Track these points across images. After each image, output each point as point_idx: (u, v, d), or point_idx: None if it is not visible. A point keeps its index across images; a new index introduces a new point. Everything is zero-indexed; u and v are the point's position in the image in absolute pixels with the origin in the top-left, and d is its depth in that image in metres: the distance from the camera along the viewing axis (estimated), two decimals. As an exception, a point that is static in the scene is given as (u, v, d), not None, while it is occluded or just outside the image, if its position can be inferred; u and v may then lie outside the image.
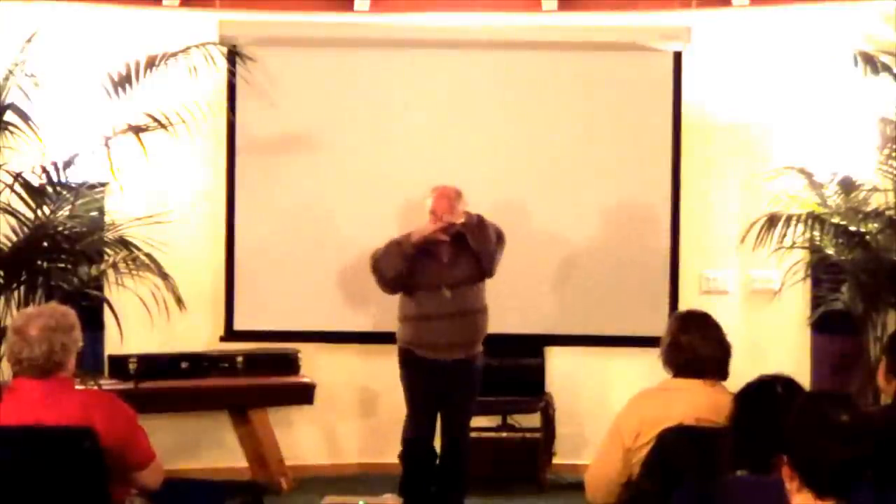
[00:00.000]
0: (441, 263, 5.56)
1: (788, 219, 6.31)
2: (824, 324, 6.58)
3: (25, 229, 5.91)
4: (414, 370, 5.61)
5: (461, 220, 5.49)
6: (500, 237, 5.62)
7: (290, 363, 6.54)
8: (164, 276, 6.02)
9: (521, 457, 6.62)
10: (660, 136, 6.72)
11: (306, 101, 6.78)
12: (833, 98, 6.43)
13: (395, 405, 5.80)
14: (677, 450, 3.44)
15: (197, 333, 6.69)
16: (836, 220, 6.24)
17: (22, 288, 5.85)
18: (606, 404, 6.06)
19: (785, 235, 6.31)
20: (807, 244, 6.40)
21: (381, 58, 6.80)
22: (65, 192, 5.97)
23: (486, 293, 5.69)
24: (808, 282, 6.65)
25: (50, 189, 5.93)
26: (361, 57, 6.80)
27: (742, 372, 3.32)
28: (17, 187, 5.92)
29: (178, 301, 6.02)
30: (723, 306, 6.25)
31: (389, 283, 5.59)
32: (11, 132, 5.99)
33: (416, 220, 5.85)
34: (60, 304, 3.89)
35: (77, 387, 3.90)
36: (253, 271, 6.76)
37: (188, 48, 6.26)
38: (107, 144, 5.95)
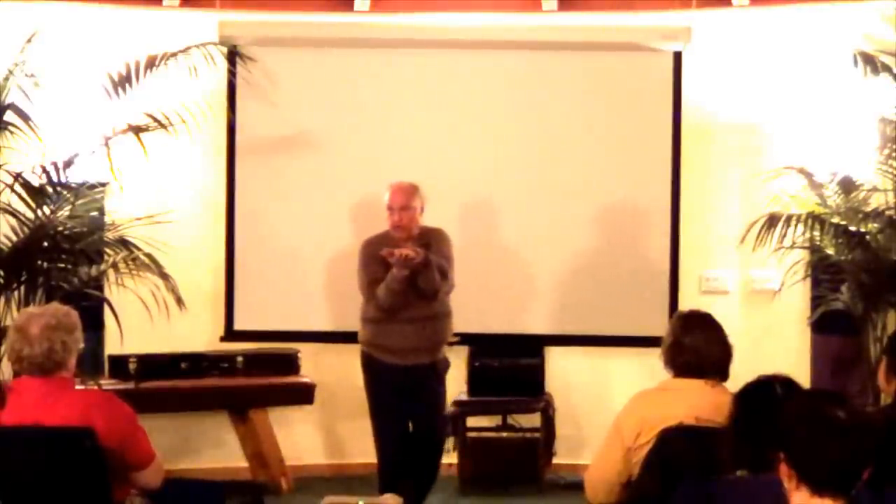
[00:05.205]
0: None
1: (788, 219, 6.31)
2: (824, 324, 6.58)
3: (25, 229, 5.92)
4: (375, 376, 5.55)
5: (411, 254, 5.27)
6: (443, 274, 5.42)
7: (290, 363, 6.53)
8: (164, 276, 6.02)
9: (521, 457, 6.61)
10: (660, 136, 6.71)
11: (306, 101, 6.78)
12: (833, 98, 6.43)
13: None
14: (677, 449, 3.44)
15: (197, 333, 6.69)
16: (836, 220, 6.24)
17: (22, 288, 5.86)
18: (606, 404, 6.05)
19: (785, 235, 6.31)
20: (807, 244, 6.40)
21: (381, 58, 6.80)
22: (65, 192, 5.97)
23: (449, 298, 5.58)
24: (808, 282, 6.65)
25: (50, 189, 5.94)
26: (361, 57, 6.80)
27: (742, 372, 3.32)
28: (17, 187, 5.93)
29: (178, 301, 6.03)
30: (723, 306, 6.24)
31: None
32: (11, 132, 6.00)
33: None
34: (63, 305, 3.90)
35: (77, 387, 3.91)
36: (253, 271, 6.76)
37: (188, 48, 6.27)
38: (107, 144, 5.95)
